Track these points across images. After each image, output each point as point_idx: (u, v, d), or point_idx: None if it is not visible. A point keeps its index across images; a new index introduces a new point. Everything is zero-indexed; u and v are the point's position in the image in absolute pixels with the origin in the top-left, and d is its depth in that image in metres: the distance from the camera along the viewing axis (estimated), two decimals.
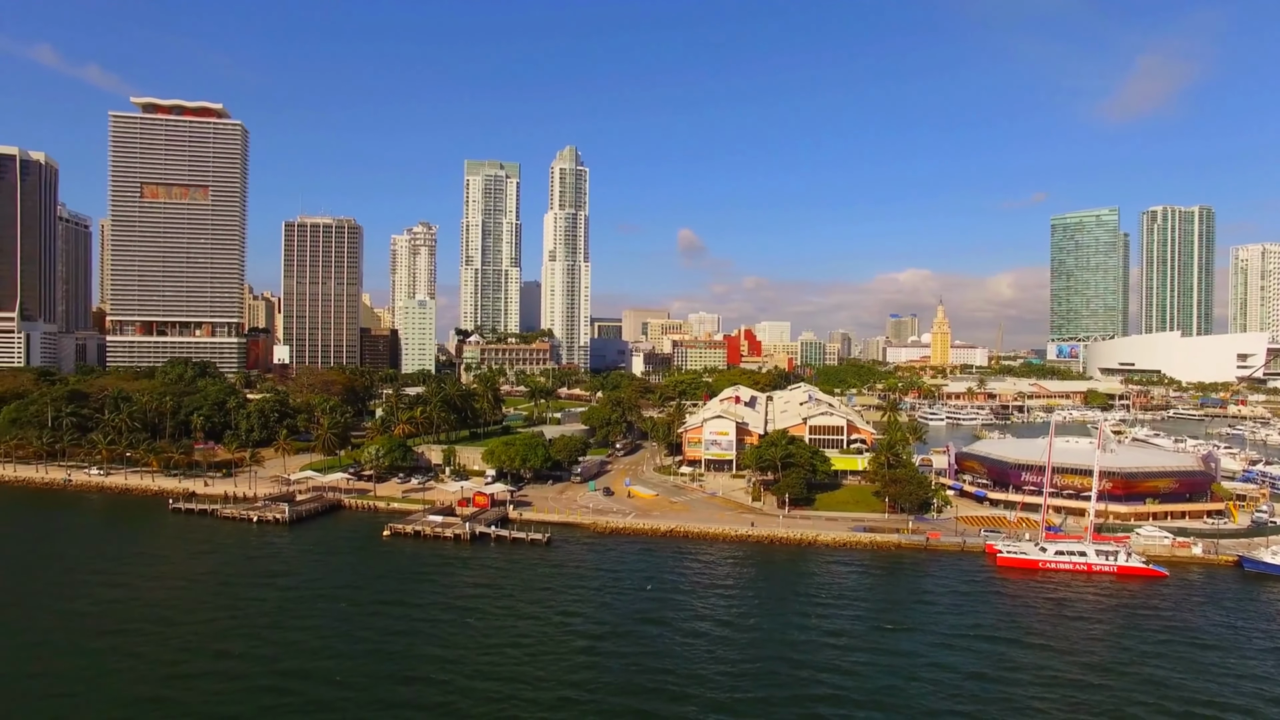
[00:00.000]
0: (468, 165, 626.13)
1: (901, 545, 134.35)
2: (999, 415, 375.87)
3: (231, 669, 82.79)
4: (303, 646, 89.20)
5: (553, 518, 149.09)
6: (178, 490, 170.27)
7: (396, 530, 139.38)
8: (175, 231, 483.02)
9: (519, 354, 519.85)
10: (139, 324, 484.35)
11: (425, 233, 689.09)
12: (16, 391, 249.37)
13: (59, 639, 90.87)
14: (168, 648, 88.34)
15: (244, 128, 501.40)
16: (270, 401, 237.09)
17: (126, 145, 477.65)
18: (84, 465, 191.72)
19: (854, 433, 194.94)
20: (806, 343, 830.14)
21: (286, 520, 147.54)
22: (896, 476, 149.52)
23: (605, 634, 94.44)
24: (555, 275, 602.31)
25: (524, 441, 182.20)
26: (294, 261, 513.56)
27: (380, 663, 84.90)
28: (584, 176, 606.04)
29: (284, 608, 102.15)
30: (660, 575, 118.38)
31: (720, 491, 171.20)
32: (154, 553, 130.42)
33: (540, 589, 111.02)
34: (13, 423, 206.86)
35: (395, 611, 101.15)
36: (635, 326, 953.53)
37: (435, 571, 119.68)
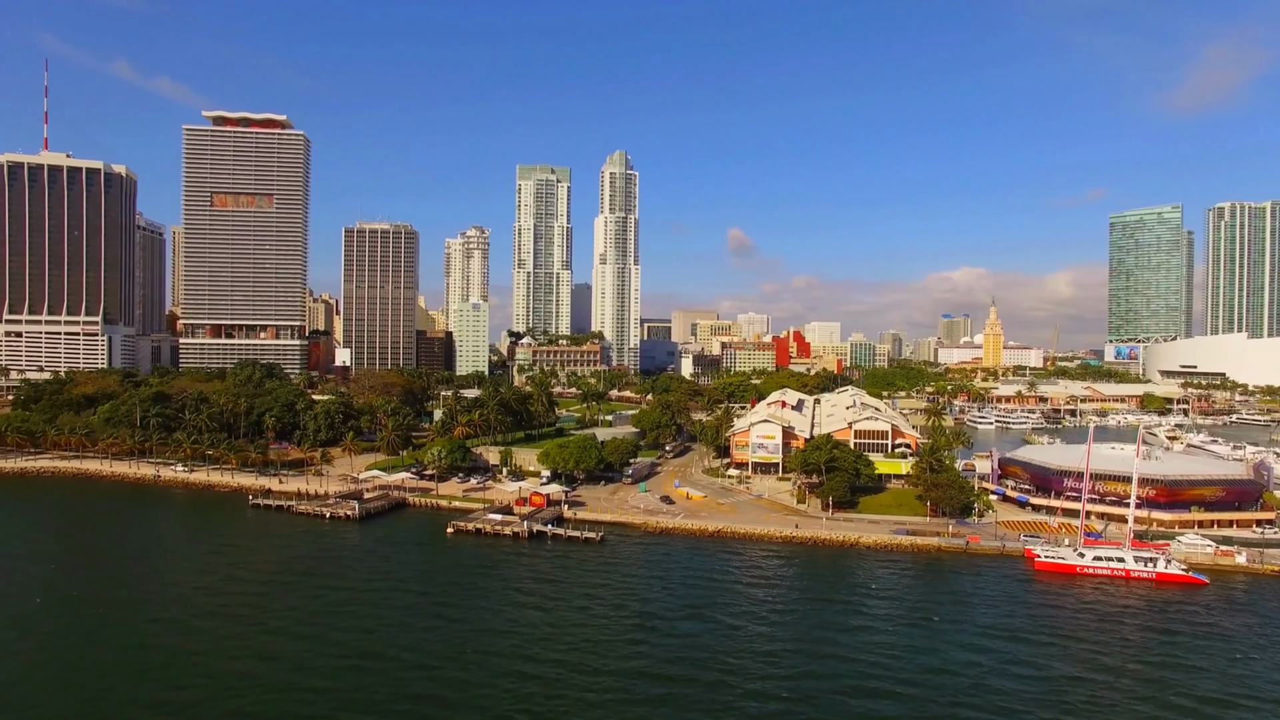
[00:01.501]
0: (520, 170, 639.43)
1: (941, 548, 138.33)
2: (1050, 419, 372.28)
3: (319, 649, 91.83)
4: (381, 631, 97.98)
5: (605, 517, 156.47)
6: (255, 487, 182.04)
7: (459, 528, 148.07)
8: (242, 238, 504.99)
9: (570, 356, 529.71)
10: (209, 327, 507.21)
11: (478, 236, 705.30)
12: (106, 392, 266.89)
13: (169, 616, 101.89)
14: (263, 629, 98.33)
15: (306, 138, 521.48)
16: (335, 403, 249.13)
17: (198, 157, 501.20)
18: (170, 462, 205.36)
19: (898, 437, 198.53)
20: (856, 344, 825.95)
21: (356, 517, 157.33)
22: (938, 481, 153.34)
23: (657, 624, 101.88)
24: (605, 278, 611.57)
25: (577, 444, 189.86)
26: (353, 266, 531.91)
27: (452, 645, 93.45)
28: (634, 180, 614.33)
29: (361, 597, 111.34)
30: (707, 573, 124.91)
31: (766, 494, 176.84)
32: (240, 545, 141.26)
33: (596, 584, 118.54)
34: (107, 422, 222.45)
35: (463, 601, 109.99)
36: (684, 327, 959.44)
37: (497, 566, 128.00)
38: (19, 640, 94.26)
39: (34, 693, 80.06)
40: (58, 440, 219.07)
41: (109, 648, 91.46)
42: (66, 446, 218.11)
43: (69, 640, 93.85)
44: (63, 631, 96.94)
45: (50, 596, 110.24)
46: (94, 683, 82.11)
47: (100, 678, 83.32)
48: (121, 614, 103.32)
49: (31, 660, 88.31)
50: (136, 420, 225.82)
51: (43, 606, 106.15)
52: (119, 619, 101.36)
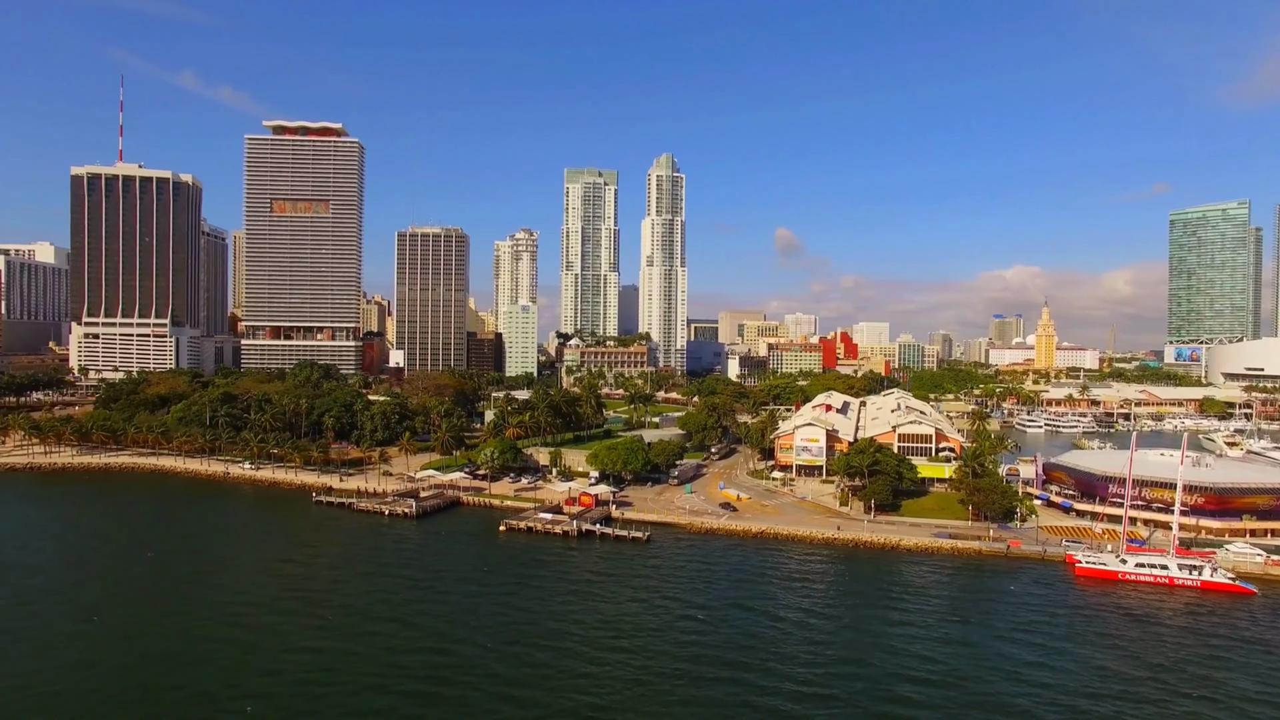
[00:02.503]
0: (568, 174, 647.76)
1: (982, 552, 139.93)
2: (1102, 423, 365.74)
3: (397, 631, 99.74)
4: (448, 618, 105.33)
5: (652, 517, 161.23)
6: (318, 485, 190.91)
7: (511, 526, 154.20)
8: (300, 243, 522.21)
9: (617, 357, 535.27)
10: (268, 328, 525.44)
11: (527, 239, 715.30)
12: (177, 392, 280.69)
13: (261, 597, 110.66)
14: (345, 611, 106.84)
15: (360, 144, 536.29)
16: (391, 405, 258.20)
17: (259, 164, 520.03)
18: (238, 460, 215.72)
19: (942, 440, 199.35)
20: (904, 345, 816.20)
21: (414, 515, 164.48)
22: (980, 485, 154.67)
23: (702, 617, 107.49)
24: (653, 280, 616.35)
25: (625, 446, 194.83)
26: (406, 269, 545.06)
27: (513, 632, 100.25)
28: (680, 183, 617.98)
29: (426, 588, 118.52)
30: (750, 571, 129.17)
31: (809, 496, 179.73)
32: (308, 539, 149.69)
33: (643, 580, 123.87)
34: (180, 421, 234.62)
35: (520, 594, 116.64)
36: (731, 328, 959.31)
37: (548, 563, 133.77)
38: (117, 625, 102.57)
39: (119, 676, 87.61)
40: (136, 438, 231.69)
41: (199, 636, 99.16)
42: (144, 444, 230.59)
43: (160, 627, 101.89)
44: (153, 618, 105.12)
45: (140, 584, 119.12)
46: (187, 670, 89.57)
47: (193, 665, 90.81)
48: (203, 603, 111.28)
49: (121, 644, 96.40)
50: (206, 419, 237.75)
51: (134, 593, 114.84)
52: (204, 607, 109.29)
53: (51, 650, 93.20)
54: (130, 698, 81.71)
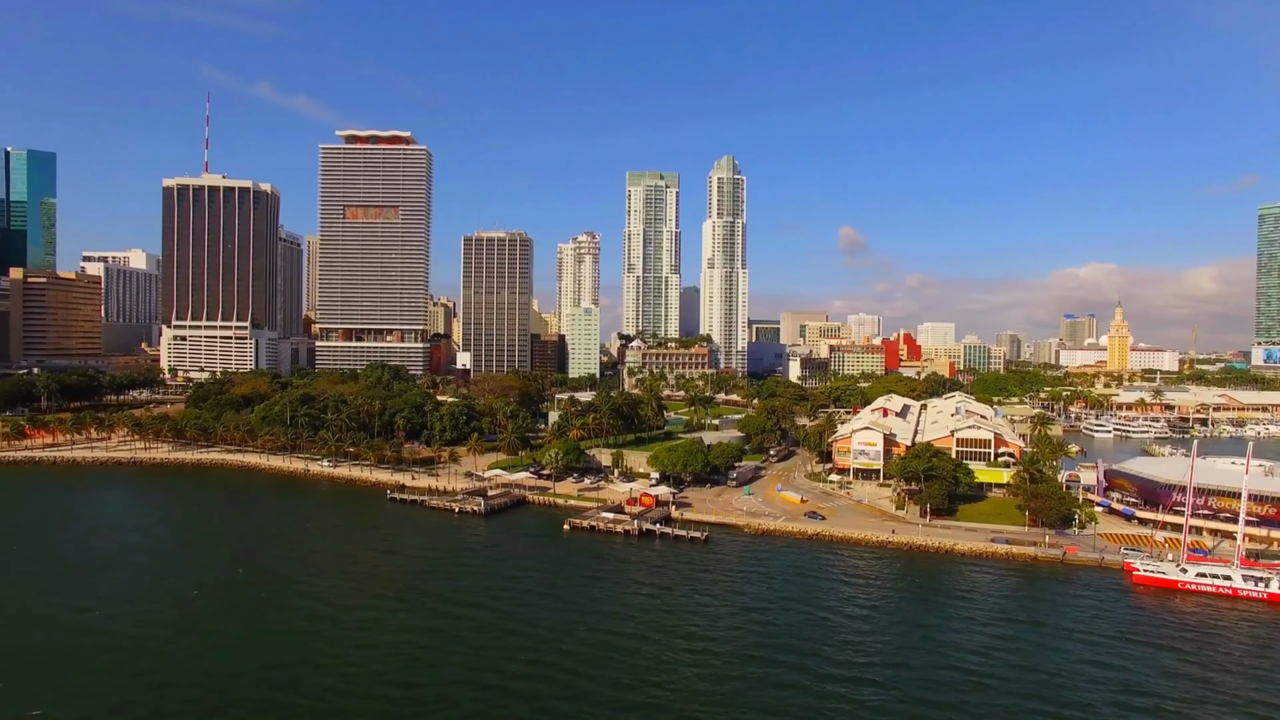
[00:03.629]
0: (629, 177, 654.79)
1: (1037, 558, 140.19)
2: (1176, 429, 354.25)
3: (473, 621, 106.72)
4: (524, 608, 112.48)
5: (710, 518, 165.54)
6: (391, 483, 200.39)
7: (574, 525, 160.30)
8: (371, 248, 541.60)
9: (678, 358, 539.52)
10: (341, 330, 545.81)
11: (589, 242, 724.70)
12: (259, 393, 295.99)
13: (344, 587, 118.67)
14: (423, 601, 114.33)
15: (428, 151, 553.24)
16: (459, 406, 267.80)
17: (333, 173, 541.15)
18: (316, 458, 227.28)
19: (1001, 445, 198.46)
20: (970, 346, 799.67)
21: (482, 512, 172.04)
22: (1037, 491, 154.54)
23: (759, 612, 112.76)
24: (714, 282, 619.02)
25: (685, 448, 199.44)
26: (471, 272, 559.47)
27: (581, 624, 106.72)
28: (741, 185, 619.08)
29: (498, 582, 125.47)
30: (805, 571, 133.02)
31: (866, 499, 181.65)
32: (385, 533, 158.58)
33: (702, 577, 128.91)
34: (263, 420, 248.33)
35: (586, 588, 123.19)
36: (793, 329, 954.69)
37: (611, 560, 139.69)
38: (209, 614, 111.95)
39: (213, 662, 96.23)
40: (224, 436, 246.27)
41: (288, 620, 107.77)
42: (231, 441, 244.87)
43: (252, 612, 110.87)
44: (245, 604, 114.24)
45: (232, 573, 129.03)
46: (279, 650, 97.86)
47: (284, 645, 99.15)
48: (292, 590, 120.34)
49: (217, 624, 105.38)
50: (287, 419, 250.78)
51: (232, 583, 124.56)
52: (293, 594, 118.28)
53: (158, 624, 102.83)
54: (225, 670, 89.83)
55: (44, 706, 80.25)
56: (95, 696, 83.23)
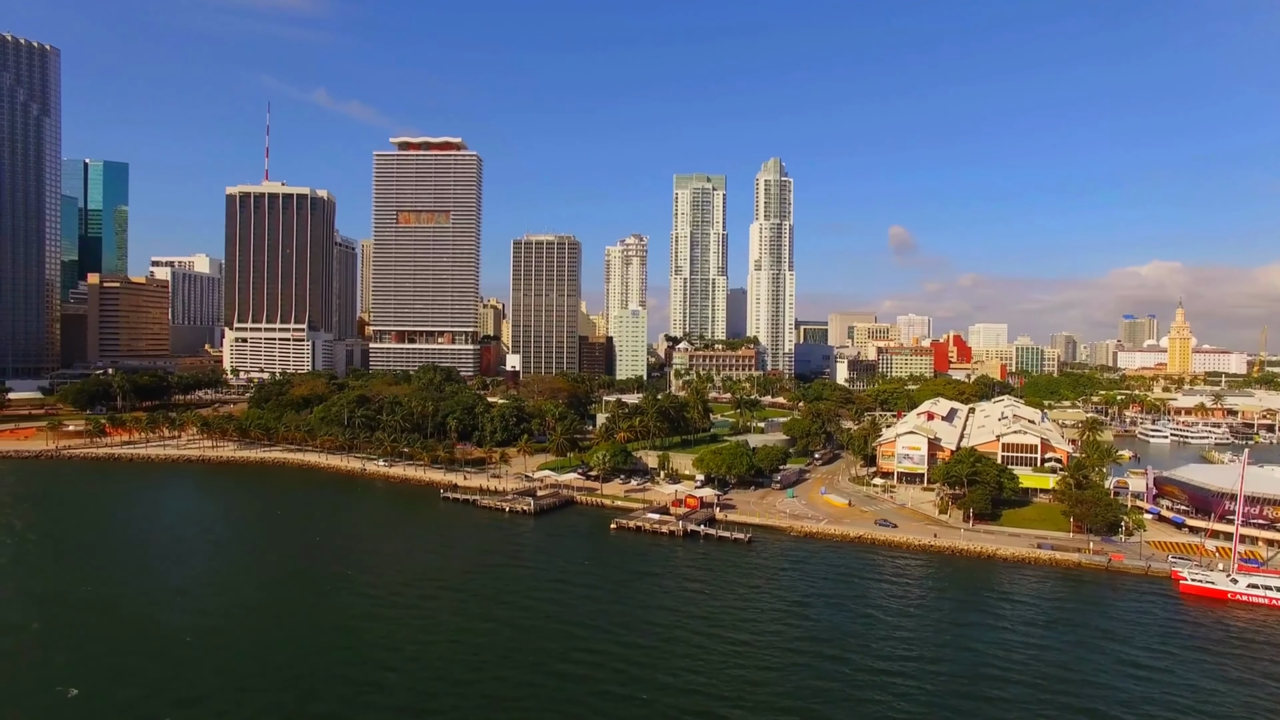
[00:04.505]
0: (676, 179, 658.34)
1: (1081, 565, 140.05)
2: (1239, 435, 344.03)
3: (525, 615, 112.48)
4: (573, 604, 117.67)
5: (754, 520, 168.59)
6: (444, 482, 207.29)
7: (621, 525, 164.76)
8: (423, 251, 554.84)
9: (725, 360, 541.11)
10: (394, 332, 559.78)
11: (637, 244, 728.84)
12: (317, 394, 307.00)
13: (402, 580, 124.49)
14: (478, 595, 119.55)
15: (479, 157, 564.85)
16: (509, 408, 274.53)
17: (386, 179, 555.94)
18: (373, 458, 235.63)
19: (1048, 451, 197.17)
20: (1022, 348, 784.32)
21: (532, 512, 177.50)
22: (1083, 497, 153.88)
23: (801, 610, 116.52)
24: (761, 284, 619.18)
25: (730, 451, 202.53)
26: (520, 275, 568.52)
27: (629, 619, 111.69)
28: (788, 187, 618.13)
29: (548, 578, 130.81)
30: (846, 573, 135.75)
31: (909, 503, 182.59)
32: (440, 531, 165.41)
33: (745, 576, 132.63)
34: (322, 420, 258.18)
35: (632, 585, 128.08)
36: (841, 330, 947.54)
37: (657, 559, 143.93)
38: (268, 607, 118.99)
39: (272, 652, 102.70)
40: (285, 435, 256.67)
41: (351, 611, 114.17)
42: (292, 440, 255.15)
43: (316, 610, 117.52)
44: (309, 600, 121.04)
45: (296, 566, 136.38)
46: (343, 636, 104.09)
47: (346, 634, 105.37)
48: (353, 583, 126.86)
49: (283, 612, 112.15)
50: (344, 420, 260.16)
51: (293, 573, 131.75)
52: (353, 587, 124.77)
53: (226, 614, 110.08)
54: (292, 660, 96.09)
55: (120, 690, 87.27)
56: (161, 682, 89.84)
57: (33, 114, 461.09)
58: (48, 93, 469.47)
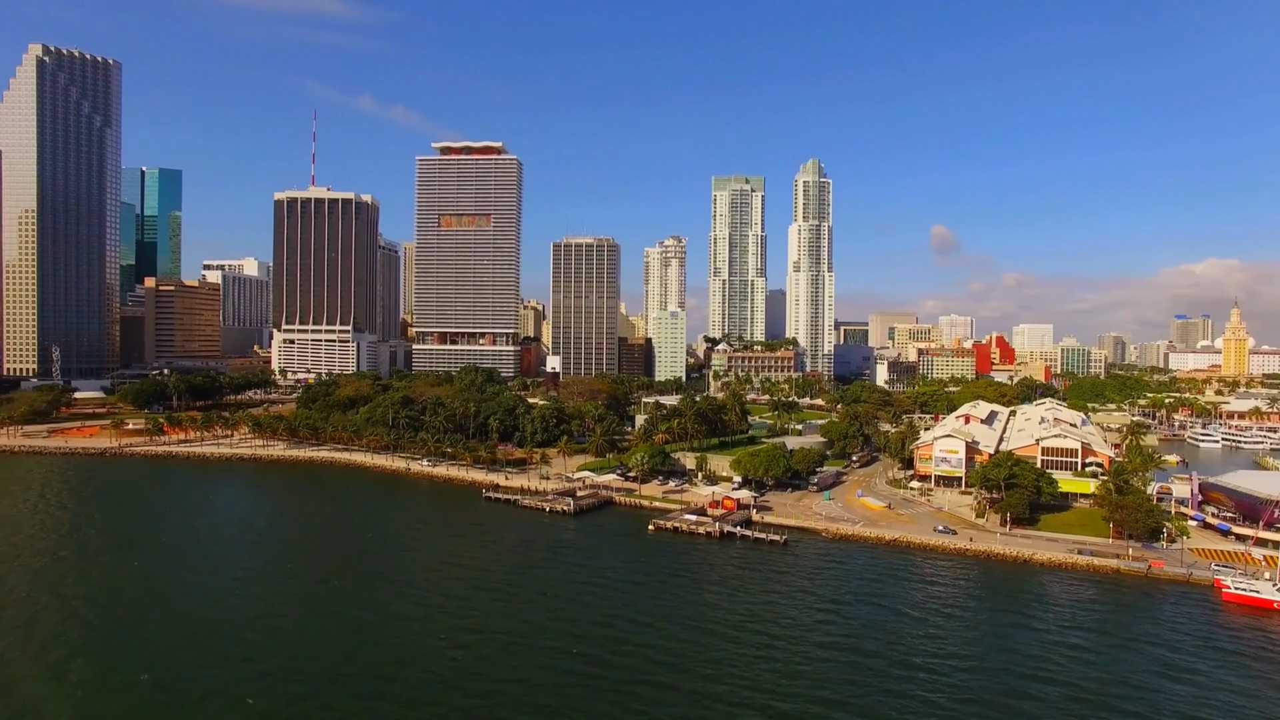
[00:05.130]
0: (715, 181, 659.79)
1: (1120, 571, 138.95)
2: None
3: (568, 610, 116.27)
4: (611, 602, 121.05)
5: (790, 522, 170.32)
6: (486, 482, 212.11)
7: (659, 525, 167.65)
8: (465, 255, 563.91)
9: (764, 362, 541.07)
10: (436, 334, 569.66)
11: (675, 246, 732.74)
12: (363, 395, 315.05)
13: (448, 575, 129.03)
14: (522, 590, 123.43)
15: (519, 161, 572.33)
16: (550, 409, 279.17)
17: (428, 183, 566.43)
18: (417, 457, 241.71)
19: (1089, 455, 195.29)
20: (1067, 349, 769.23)
21: (572, 512, 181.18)
22: (1123, 503, 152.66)
23: (837, 609, 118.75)
24: (799, 285, 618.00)
25: (767, 453, 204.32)
26: (560, 277, 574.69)
27: (667, 615, 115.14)
28: (827, 189, 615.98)
29: (589, 576, 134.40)
30: (880, 574, 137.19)
31: (946, 506, 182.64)
32: (483, 529, 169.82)
33: (780, 577, 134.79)
34: (367, 421, 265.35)
35: (670, 584, 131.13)
36: (882, 331, 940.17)
37: (694, 559, 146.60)
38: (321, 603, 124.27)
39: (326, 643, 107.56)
40: (332, 435, 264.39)
41: (397, 612, 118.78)
42: (338, 440, 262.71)
43: (366, 603, 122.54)
44: (359, 593, 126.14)
45: (347, 560, 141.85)
46: (392, 627, 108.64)
47: (397, 624, 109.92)
48: (402, 579, 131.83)
49: (334, 604, 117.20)
50: (389, 420, 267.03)
51: (347, 567, 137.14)
52: (403, 582, 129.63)
53: (287, 605, 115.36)
54: (343, 651, 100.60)
55: (190, 674, 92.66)
56: (226, 669, 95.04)
57: (96, 125, 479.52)
58: (110, 105, 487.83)
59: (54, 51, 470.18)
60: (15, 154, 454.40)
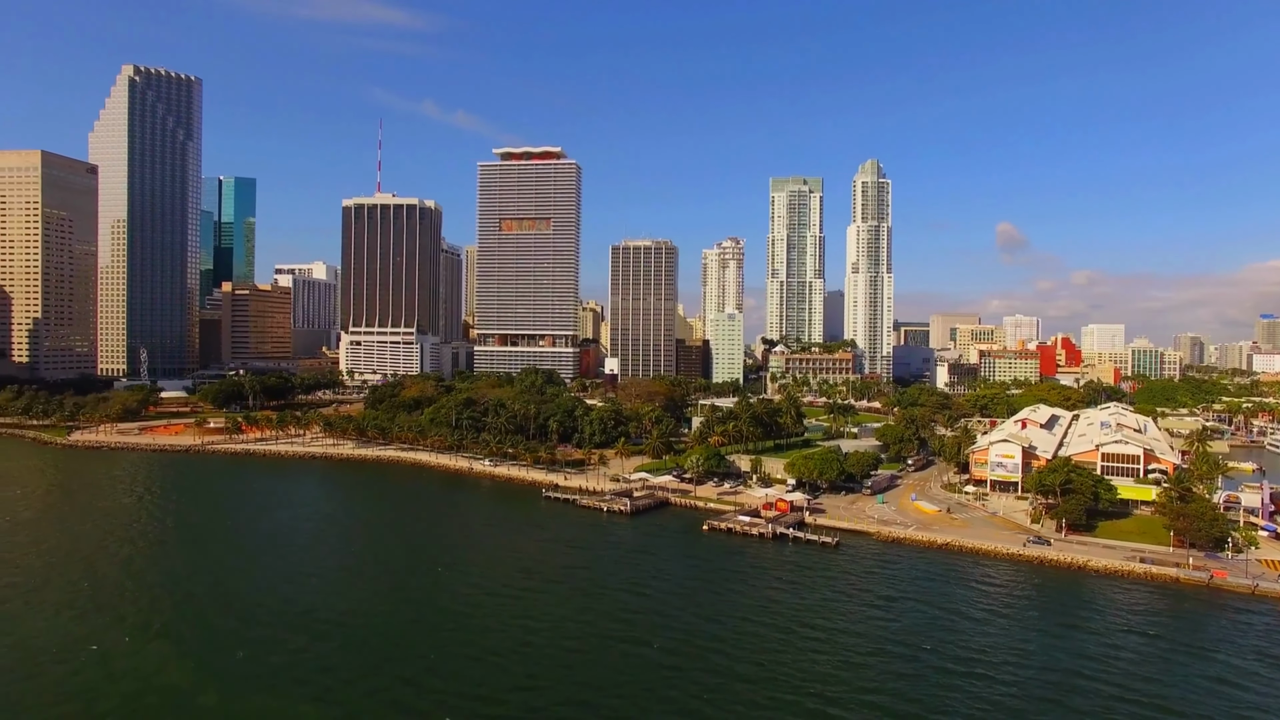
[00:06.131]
0: (773, 183, 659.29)
1: (1180, 580, 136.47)
2: None
3: (628, 605, 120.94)
4: (666, 598, 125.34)
5: (842, 524, 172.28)
6: (546, 482, 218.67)
7: (713, 526, 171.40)
8: (525, 258, 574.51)
9: (822, 363, 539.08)
10: (497, 336, 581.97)
11: (733, 247, 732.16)
12: (427, 396, 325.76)
13: (511, 570, 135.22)
14: (587, 586, 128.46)
15: (578, 165, 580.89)
16: (608, 411, 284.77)
17: (490, 189, 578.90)
18: (479, 457, 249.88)
19: (1152, 461, 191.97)
20: (1139, 350, 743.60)
21: (628, 512, 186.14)
22: (1185, 511, 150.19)
23: (888, 609, 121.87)
24: (858, 287, 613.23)
25: (821, 456, 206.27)
26: (619, 280, 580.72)
27: (721, 611, 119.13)
28: (886, 189, 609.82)
29: (646, 573, 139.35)
30: (930, 577, 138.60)
31: (1001, 511, 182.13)
32: (544, 527, 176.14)
33: (831, 578, 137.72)
34: (431, 422, 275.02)
35: (725, 582, 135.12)
36: (943, 332, 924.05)
37: (747, 559, 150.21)
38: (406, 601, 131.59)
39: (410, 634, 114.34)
40: (398, 435, 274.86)
41: (465, 605, 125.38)
42: (404, 440, 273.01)
43: (435, 594, 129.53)
44: (428, 585, 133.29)
45: (418, 554, 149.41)
46: (461, 618, 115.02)
47: (464, 615, 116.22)
48: (468, 572, 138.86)
49: (408, 594, 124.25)
50: (452, 421, 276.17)
51: (418, 560, 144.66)
52: (468, 576, 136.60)
53: (361, 596, 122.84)
54: (417, 632, 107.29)
55: (272, 657, 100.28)
56: (307, 654, 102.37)
57: (179, 139, 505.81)
58: (192, 119, 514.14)
59: (143, 71, 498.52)
60: (109, 169, 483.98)
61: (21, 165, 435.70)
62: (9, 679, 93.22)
